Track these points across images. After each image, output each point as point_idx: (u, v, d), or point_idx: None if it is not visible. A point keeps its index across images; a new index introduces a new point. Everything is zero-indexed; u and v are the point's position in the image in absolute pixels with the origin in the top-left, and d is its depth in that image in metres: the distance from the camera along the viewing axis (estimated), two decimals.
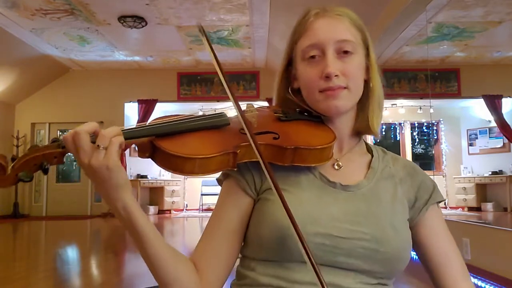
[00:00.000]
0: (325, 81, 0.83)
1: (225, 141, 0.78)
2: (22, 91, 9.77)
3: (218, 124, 0.81)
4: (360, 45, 0.87)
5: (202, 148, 0.75)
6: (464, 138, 10.15)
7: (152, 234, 0.74)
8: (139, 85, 9.96)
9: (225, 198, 0.86)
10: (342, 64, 0.83)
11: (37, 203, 9.98)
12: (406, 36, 6.69)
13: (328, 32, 0.84)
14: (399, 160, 0.94)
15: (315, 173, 0.85)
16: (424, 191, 0.89)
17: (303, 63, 0.87)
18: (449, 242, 0.88)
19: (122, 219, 0.72)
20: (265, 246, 0.79)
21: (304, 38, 0.87)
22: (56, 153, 0.71)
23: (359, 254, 0.77)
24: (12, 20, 7.04)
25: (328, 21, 0.86)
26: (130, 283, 3.75)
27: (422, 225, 0.87)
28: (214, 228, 0.84)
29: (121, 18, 6.95)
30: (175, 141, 0.75)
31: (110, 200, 0.71)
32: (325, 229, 0.77)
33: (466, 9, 6.27)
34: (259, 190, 0.84)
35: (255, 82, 10.00)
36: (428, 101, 9.05)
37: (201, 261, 0.81)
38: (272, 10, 6.62)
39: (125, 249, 5.72)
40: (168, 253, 0.76)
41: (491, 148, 9.48)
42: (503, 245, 3.33)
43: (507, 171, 8.93)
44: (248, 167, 0.84)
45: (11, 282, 3.64)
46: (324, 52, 0.84)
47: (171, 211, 10.42)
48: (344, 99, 0.84)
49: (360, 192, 0.84)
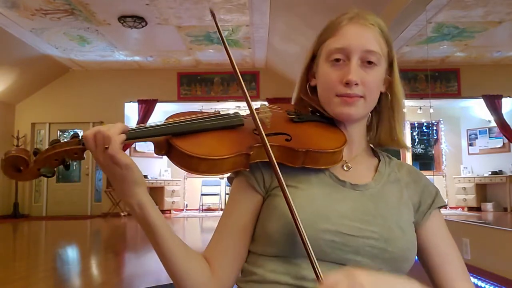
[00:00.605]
0: (344, 86, 0.84)
1: (239, 142, 0.80)
2: (22, 91, 9.77)
3: (232, 125, 0.83)
4: (384, 58, 0.88)
5: (217, 149, 0.77)
6: (464, 138, 10.14)
7: (165, 230, 0.76)
8: (139, 85, 9.97)
9: (235, 196, 0.88)
10: (363, 74, 0.85)
11: (37, 203, 9.98)
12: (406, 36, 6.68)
13: (358, 40, 0.85)
14: (404, 166, 0.95)
15: (325, 171, 0.86)
16: (428, 196, 0.90)
17: (327, 64, 0.88)
18: (450, 244, 0.89)
19: (136, 215, 0.75)
20: (273, 242, 0.80)
21: (333, 39, 0.88)
22: (77, 150, 0.73)
23: (367, 253, 0.78)
24: (12, 20, 7.04)
25: (360, 29, 0.87)
26: (130, 283, 3.75)
27: (424, 229, 0.88)
28: (225, 225, 0.86)
29: (121, 18, 6.95)
30: (190, 140, 0.77)
31: (125, 196, 0.74)
32: (334, 226, 0.77)
33: (466, 9, 6.27)
34: (269, 188, 0.85)
35: (255, 82, 10.01)
36: (428, 101, 9.04)
37: (212, 258, 0.83)
38: (272, 10, 6.62)
39: (125, 249, 5.72)
40: (181, 248, 0.78)
41: (491, 148, 9.48)
42: (503, 245, 3.33)
43: (507, 171, 8.92)
44: (258, 165, 0.85)
45: (11, 282, 3.64)
46: (349, 58, 0.85)
47: (171, 211, 10.43)
48: (358, 107, 0.86)
49: (368, 192, 0.85)
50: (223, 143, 0.79)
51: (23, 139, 9.98)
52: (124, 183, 0.72)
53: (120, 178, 0.72)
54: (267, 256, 0.81)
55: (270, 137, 0.80)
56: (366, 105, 0.87)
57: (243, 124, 0.84)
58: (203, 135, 0.80)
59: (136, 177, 0.73)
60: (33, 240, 6.84)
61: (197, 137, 0.79)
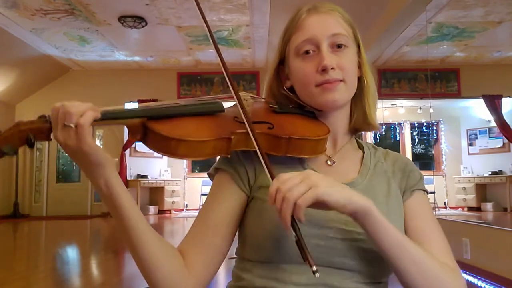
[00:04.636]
0: (321, 74, 0.83)
1: (219, 127, 0.77)
2: (22, 91, 9.77)
3: (212, 110, 0.81)
4: (352, 40, 0.88)
5: (196, 132, 0.74)
6: (464, 138, 10.15)
7: (136, 213, 0.72)
8: (139, 85, 9.97)
9: (216, 192, 0.85)
10: (337, 58, 0.84)
11: (37, 203, 9.98)
12: (406, 36, 6.69)
13: (322, 27, 0.85)
14: (390, 155, 0.94)
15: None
16: (412, 180, 0.89)
17: (297, 59, 0.87)
18: (431, 222, 0.86)
19: (104, 197, 0.71)
20: (261, 247, 0.78)
21: (297, 34, 0.87)
22: (42, 128, 0.69)
23: (354, 255, 0.77)
24: (12, 20, 7.04)
25: (321, 17, 0.87)
26: (130, 283, 3.75)
27: (406, 207, 0.87)
28: (204, 220, 0.83)
29: (121, 18, 6.95)
30: (168, 123, 0.74)
31: (93, 178, 0.70)
32: (320, 230, 0.76)
33: (466, 9, 6.27)
34: (253, 186, 0.83)
35: (255, 82, 10.01)
36: (428, 101, 9.04)
37: (189, 252, 0.80)
38: (272, 10, 6.62)
39: (125, 249, 5.71)
40: (152, 234, 0.74)
41: (491, 148, 9.48)
42: (503, 245, 3.33)
43: (507, 171, 8.93)
44: (241, 161, 0.84)
45: (11, 282, 3.64)
46: (318, 47, 0.84)
47: (171, 211, 10.42)
48: (341, 92, 0.84)
49: (354, 190, 0.83)
50: (203, 127, 0.76)
51: None
52: (90, 164, 0.68)
53: (85, 159, 0.67)
54: (256, 262, 0.80)
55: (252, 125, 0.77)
56: (347, 88, 0.85)
57: (223, 110, 0.81)
58: (182, 119, 0.76)
59: (101, 158, 0.68)
60: (33, 240, 6.84)
61: (175, 121, 0.75)
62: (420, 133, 10.67)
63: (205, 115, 0.80)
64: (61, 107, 0.66)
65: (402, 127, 10.48)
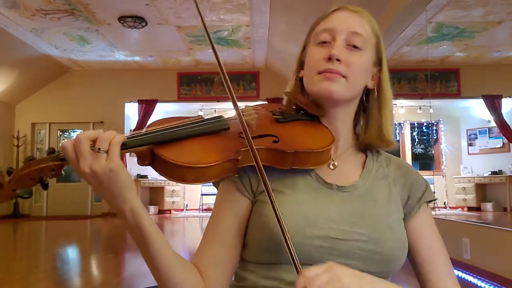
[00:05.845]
0: (326, 62, 0.83)
1: (226, 147, 0.76)
2: (22, 91, 9.77)
3: (217, 129, 0.80)
4: (371, 47, 0.88)
5: (204, 156, 0.73)
6: (463, 138, 10.15)
7: (160, 237, 0.72)
8: (139, 85, 9.97)
9: (222, 201, 0.86)
10: (348, 54, 0.84)
11: (37, 203, 9.98)
12: (406, 36, 6.67)
13: (344, 22, 0.86)
14: (393, 160, 0.94)
15: (312, 174, 0.85)
16: (417, 190, 0.89)
17: (314, 47, 0.88)
18: (437, 239, 0.88)
19: (128, 222, 0.70)
20: (264, 249, 0.79)
21: (321, 24, 0.89)
22: (54, 166, 0.68)
23: (356, 255, 0.77)
24: (12, 20, 7.05)
25: (347, 14, 0.88)
26: (130, 283, 3.75)
27: (413, 223, 0.87)
28: (213, 232, 0.83)
29: (121, 18, 6.96)
30: (175, 148, 0.73)
31: (117, 203, 0.69)
32: (322, 231, 0.77)
33: (466, 9, 6.27)
34: (256, 192, 0.84)
35: (255, 82, 10.01)
36: (428, 101, 9.05)
37: (203, 265, 0.81)
38: (272, 10, 6.63)
39: (125, 249, 5.72)
40: (175, 256, 0.75)
41: (490, 148, 9.48)
42: (503, 245, 3.33)
43: (507, 171, 8.93)
44: (245, 169, 0.83)
45: (11, 282, 3.64)
46: (334, 39, 0.85)
47: (171, 211, 10.43)
48: (339, 85, 0.83)
49: (356, 192, 0.84)
50: (210, 150, 0.75)
51: (23, 139, 9.98)
52: (114, 186, 0.67)
53: (111, 182, 0.67)
54: (258, 263, 0.81)
55: (257, 140, 0.77)
56: (347, 86, 0.84)
57: (229, 127, 0.80)
58: (188, 142, 0.75)
59: (126, 179, 0.68)
60: (33, 240, 6.83)
61: (181, 144, 0.74)
62: (420, 133, 10.67)
63: (211, 134, 0.79)
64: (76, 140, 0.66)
65: (402, 127, 10.49)
